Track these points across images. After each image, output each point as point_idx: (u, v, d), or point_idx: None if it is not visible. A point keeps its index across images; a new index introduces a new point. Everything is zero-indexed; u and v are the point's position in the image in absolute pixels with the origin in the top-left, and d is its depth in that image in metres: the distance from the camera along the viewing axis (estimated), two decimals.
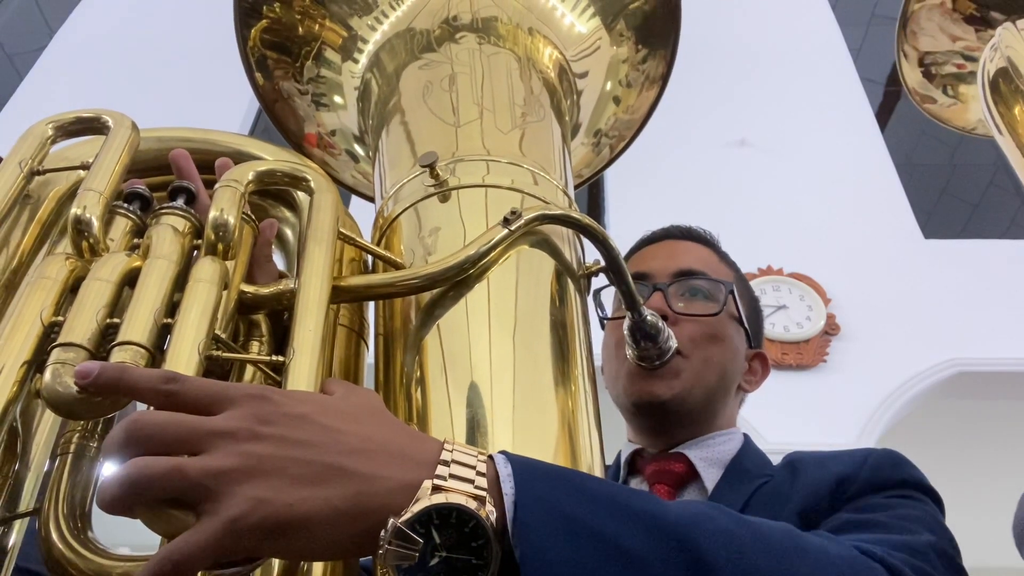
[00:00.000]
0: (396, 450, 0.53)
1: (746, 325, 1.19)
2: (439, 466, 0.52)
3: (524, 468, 0.53)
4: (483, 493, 0.51)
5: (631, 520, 0.53)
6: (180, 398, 0.51)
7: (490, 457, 0.54)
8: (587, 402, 0.72)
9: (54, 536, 0.61)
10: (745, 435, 1.17)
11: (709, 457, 1.11)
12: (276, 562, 0.59)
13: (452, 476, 0.51)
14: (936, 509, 0.93)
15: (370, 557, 0.50)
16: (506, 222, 0.74)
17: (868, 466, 0.96)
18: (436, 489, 0.50)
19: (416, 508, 0.49)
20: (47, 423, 0.73)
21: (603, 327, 1.21)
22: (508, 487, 0.52)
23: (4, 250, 0.72)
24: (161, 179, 0.81)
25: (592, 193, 5.99)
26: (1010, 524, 0.97)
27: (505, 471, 0.53)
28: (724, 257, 1.25)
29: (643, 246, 1.27)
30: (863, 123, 6.18)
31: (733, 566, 0.54)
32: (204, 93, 5.99)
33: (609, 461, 1.13)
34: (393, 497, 0.50)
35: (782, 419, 3.61)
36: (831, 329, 4.89)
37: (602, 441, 0.73)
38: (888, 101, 6.93)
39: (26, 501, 0.70)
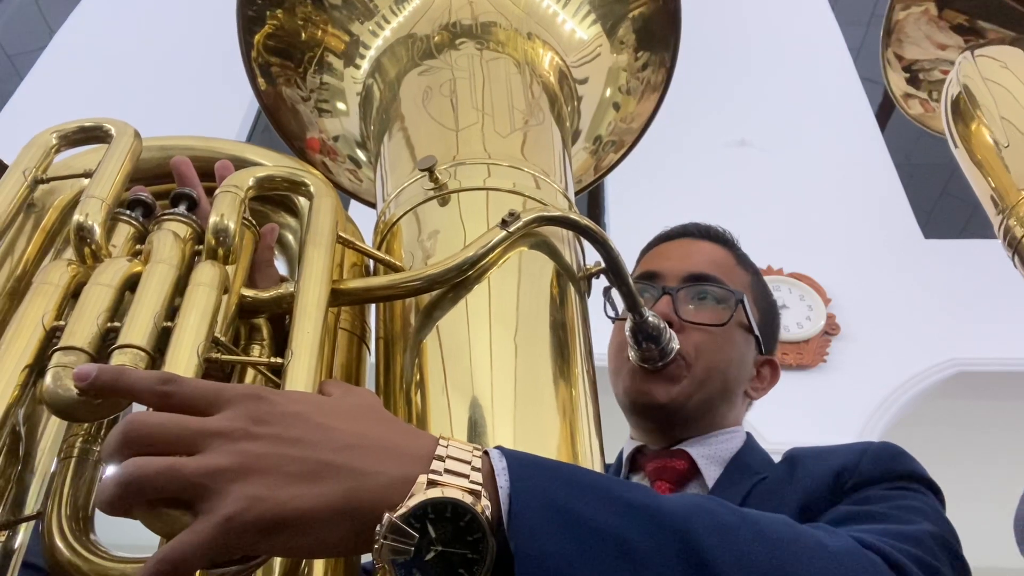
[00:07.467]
0: (390, 446, 0.53)
1: (756, 332, 1.17)
2: (434, 461, 0.52)
3: (519, 462, 0.53)
4: (478, 487, 0.51)
5: (627, 512, 0.53)
6: (176, 399, 0.52)
7: (485, 452, 0.54)
8: (587, 404, 0.72)
9: (57, 540, 0.62)
10: (748, 434, 1.17)
11: (711, 455, 1.10)
12: (277, 562, 0.59)
13: (447, 471, 0.51)
14: (936, 500, 0.93)
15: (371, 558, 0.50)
16: (504, 224, 0.74)
17: (867, 459, 0.96)
18: (431, 484, 0.50)
19: (411, 503, 0.49)
20: (52, 428, 0.74)
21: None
22: (503, 480, 0.52)
23: (9, 258, 0.72)
24: (164, 187, 0.82)
25: (592, 194, 5.99)
26: (1010, 524, 0.97)
27: (500, 465, 0.53)
28: (741, 259, 1.23)
29: (659, 243, 1.25)
30: (863, 123, 6.17)
31: (729, 558, 0.54)
32: (203, 92, 5.99)
33: (611, 460, 1.13)
34: (388, 492, 0.50)
35: (782, 419, 3.60)
36: (831, 329, 4.89)
37: (602, 443, 0.73)
38: (888, 101, 6.91)
39: (31, 506, 0.70)
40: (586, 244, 0.84)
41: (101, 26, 7.22)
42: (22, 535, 0.71)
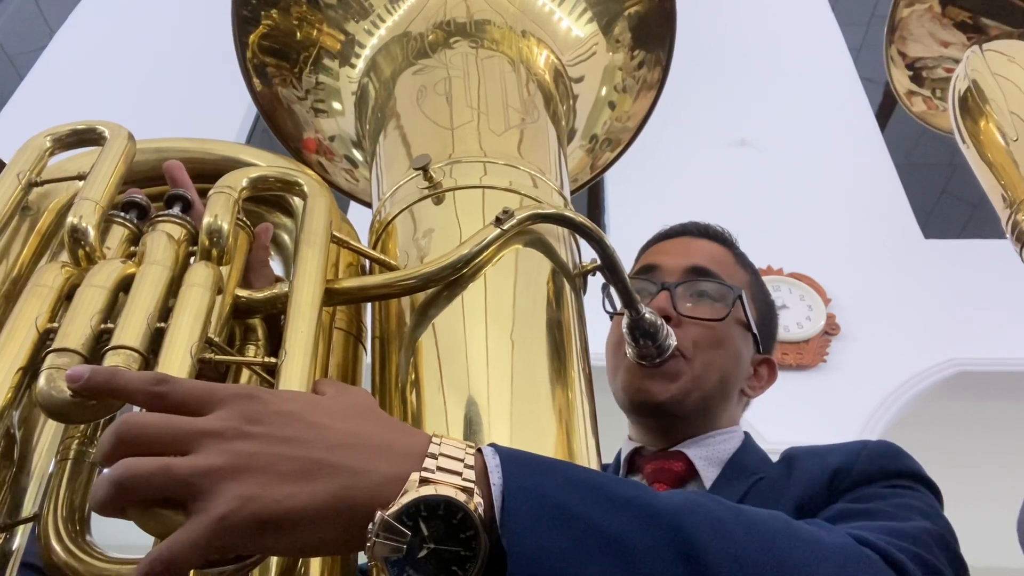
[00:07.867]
0: (383, 444, 0.53)
1: (754, 331, 1.17)
2: (426, 459, 0.52)
3: (512, 459, 0.53)
4: (471, 485, 0.51)
5: (620, 509, 0.53)
6: (169, 399, 0.52)
7: (479, 450, 0.54)
8: (583, 402, 0.72)
9: (53, 541, 0.62)
10: (746, 433, 1.17)
11: (709, 456, 1.10)
12: (274, 561, 0.59)
13: (440, 468, 0.51)
14: (933, 499, 0.93)
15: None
16: (498, 221, 0.74)
17: (864, 457, 0.96)
18: (424, 481, 0.50)
19: (403, 500, 0.49)
20: (49, 431, 0.74)
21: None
22: (496, 477, 0.52)
23: (4, 261, 0.73)
24: (159, 189, 0.82)
25: (593, 193, 5.99)
26: (1010, 524, 0.97)
27: (493, 462, 0.53)
28: (740, 258, 1.23)
29: (658, 240, 1.26)
30: (863, 123, 6.17)
31: (724, 554, 0.53)
32: (203, 92, 6.00)
33: (609, 459, 1.13)
34: (380, 490, 0.50)
35: (782, 419, 3.60)
36: (831, 329, 4.89)
37: (598, 441, 0.72)
38: (888, 101, 6.91)
39: (28, 508, 0.70)
40: (583, 242, 0.84)
41: (101, 26, 7.22)
42: (20, 537, 0.71)
